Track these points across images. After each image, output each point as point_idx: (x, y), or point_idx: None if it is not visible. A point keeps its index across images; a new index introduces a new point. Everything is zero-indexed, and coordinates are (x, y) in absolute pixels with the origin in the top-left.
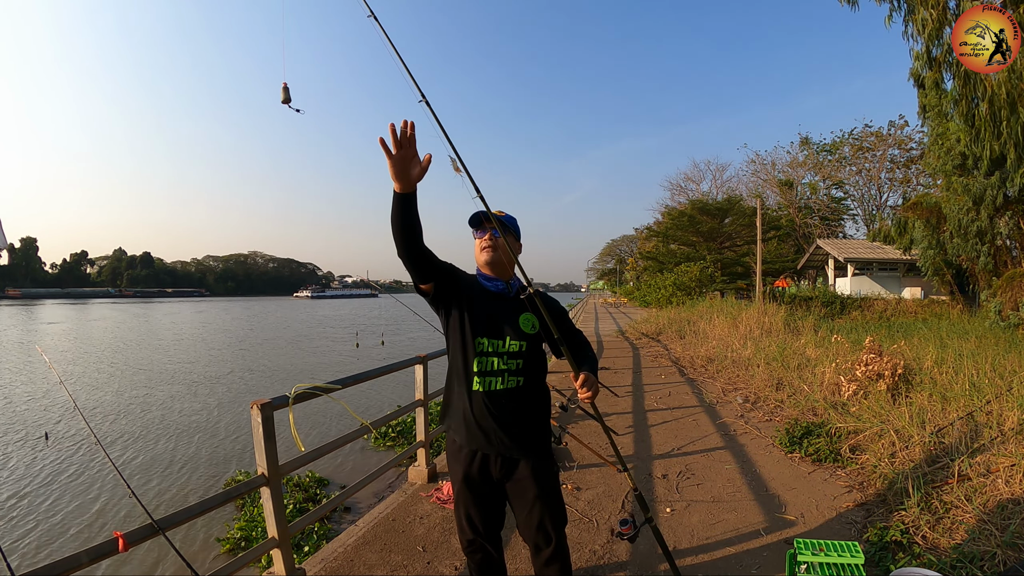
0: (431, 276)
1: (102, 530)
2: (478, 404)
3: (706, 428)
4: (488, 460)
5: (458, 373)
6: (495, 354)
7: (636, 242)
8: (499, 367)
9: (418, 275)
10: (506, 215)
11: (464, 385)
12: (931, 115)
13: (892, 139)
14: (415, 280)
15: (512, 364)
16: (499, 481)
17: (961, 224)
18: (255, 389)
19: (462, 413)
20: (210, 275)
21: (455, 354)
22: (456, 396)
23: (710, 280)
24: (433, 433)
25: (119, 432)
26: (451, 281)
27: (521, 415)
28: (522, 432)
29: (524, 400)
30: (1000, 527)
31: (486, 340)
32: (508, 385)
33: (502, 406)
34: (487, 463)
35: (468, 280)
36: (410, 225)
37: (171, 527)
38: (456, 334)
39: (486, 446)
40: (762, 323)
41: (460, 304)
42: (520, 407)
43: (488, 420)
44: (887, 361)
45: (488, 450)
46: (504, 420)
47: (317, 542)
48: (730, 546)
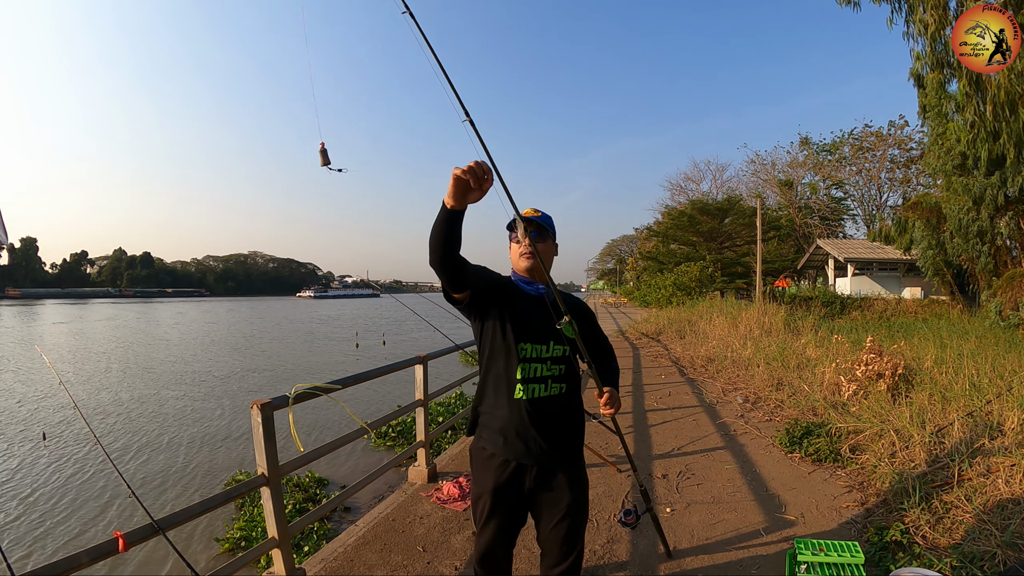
0: (467, 285)
1: (102, 530)
2: (520, 412)
3: (706, 428)
4: (524, 471)
5: (497, 380)
6: (538, 360)
7: (636, 242)
8: (543, 373)
9: (453, 285)
10: (542, 214)
11: (505, 393)
12: (931, 115)
13: (892, 139)
14: (449, 289)
15: (555, 370)
16: (530, 492)
17: (961, 224)
18: (256, 389)
19: (500, 422)
20: (210, 275)
21: (494, 360)
22: (493, 404)
23: (710, 280)
24: (433, 433)
25: (119, 432)
26: (487, 287)
27: (562, 423)
28: (563, 441)
29: (565, 407)
30: (1000, 527)
31: (529, 346)
32: (551, 392)
33: (545, 414)
34: (521, 474)
35: (504, 283)
36: (454, 239)
37: (171, 527)
38: (496, 339)
39: (525, 456)
40: (762, 323)
41: (499, 309)
42: (562, 414)
43: (530, 429)
44: (887, 361)
45: (526, 460)
46: (546, 429)
47: (317, 542)
48: (730, 546)
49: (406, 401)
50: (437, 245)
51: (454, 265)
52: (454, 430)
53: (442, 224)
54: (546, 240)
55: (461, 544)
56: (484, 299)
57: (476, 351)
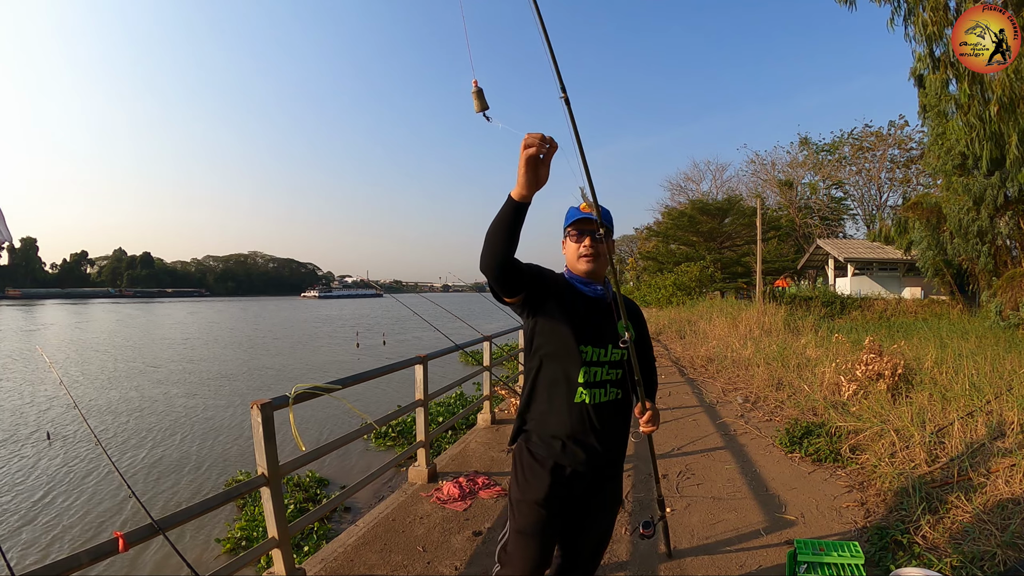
0: (521, 288)
1: (102, 530)
2: (580, 417)
3: (706, 428)
4: (577, 478)
5: (554, 383)
6: (599, 364)
7: (636, 242)
8: (603, 377)
9: (507, 288)
10: (604, 210)
11: (564, 397)
12: (931, 115)
13: (892, 139)
14: (501, 294)
15: (614, 374)
16: (578, 501)
17: (961, 224)
18: (256, 389)
19: (557, 426)
20: (210, 275)
21: (552, 362)
22: (548, 408)
23: (710, 280)
24: (433, 433)
25: (120, 432)
26: (542, 287)
27: (618, 429)
28: (617, 448)
29: (621, 413)
30: (1000, 527)
31: (591, 348)
32: (611, 397)
33: (605, 420)
34: (575, 481)
35: (559, 282)
36: (516, 238)
37: (171, 527)
38: (556, 341)
39: (582, 463)
40: (762, 323)
41: (558, 309)
42: (618, 420)
43: (590, 435)
44: (887, 361)
45: (583, 468)
46: (604, 434)
47: (317, 542)
48: (730, 546)
49: (406, 401)
50: (499, 246)
51: (512, 267)
52: (454, 430)
53: (508, 221)
54: (607, 239)
55: (461, 544)
56: (538, 299)
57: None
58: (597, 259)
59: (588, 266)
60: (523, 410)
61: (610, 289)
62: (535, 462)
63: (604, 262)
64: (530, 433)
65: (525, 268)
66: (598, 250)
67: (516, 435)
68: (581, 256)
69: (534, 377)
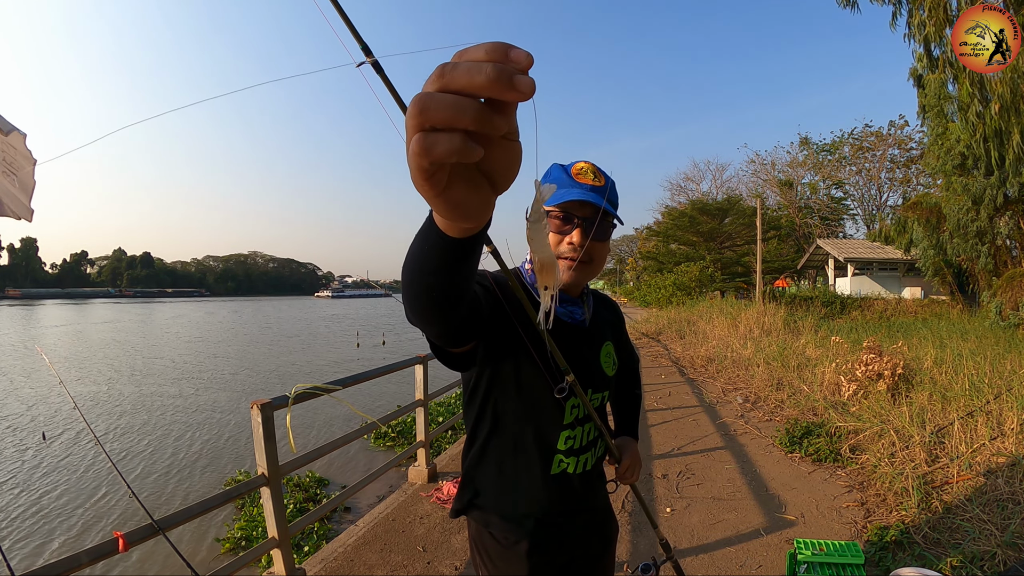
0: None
1: (102, 530)
2: (561, 492)
3: (706, 428)
4: (566, 557)
5: (520, 450)
6: (588, 419)
7: (636, 242)
8: (592, 436)
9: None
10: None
11: (537, 466)
12: (931, 115)
13: (892, 139)
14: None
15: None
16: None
17: (961, 224)
18: (257, 388)
19: (525, 505)
20: (210, 275)
21: (518, 424)
22: (512, 481)
23: (710, 280)
24: (433, 433)
25: (120, 432)
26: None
27: (599, 493)
28: (607, 515)
29: (600, 472)
30: (1000, 527)
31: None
32: (598, 454)
33: (594, 489)
34: (564, 561)
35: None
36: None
37: (171, 527)
38: (526, 396)
39: (571, 541)
40: (762, 323)
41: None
42: (598, 481)
43: (575, 511)
44: (887, 361)
45: (570, 547)
46: (594, 507)
47: (317, 542)
48: (730, 546)
49: (406, 401)
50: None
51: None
52: (454, 430)
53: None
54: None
55: (461, 544)
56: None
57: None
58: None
59: (570, 275)
60: (470, 470)
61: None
62: (503, 549)
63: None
64: (487, 513)
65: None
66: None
67: (466, 507)
68: (563, 256)
69: (484, 439)
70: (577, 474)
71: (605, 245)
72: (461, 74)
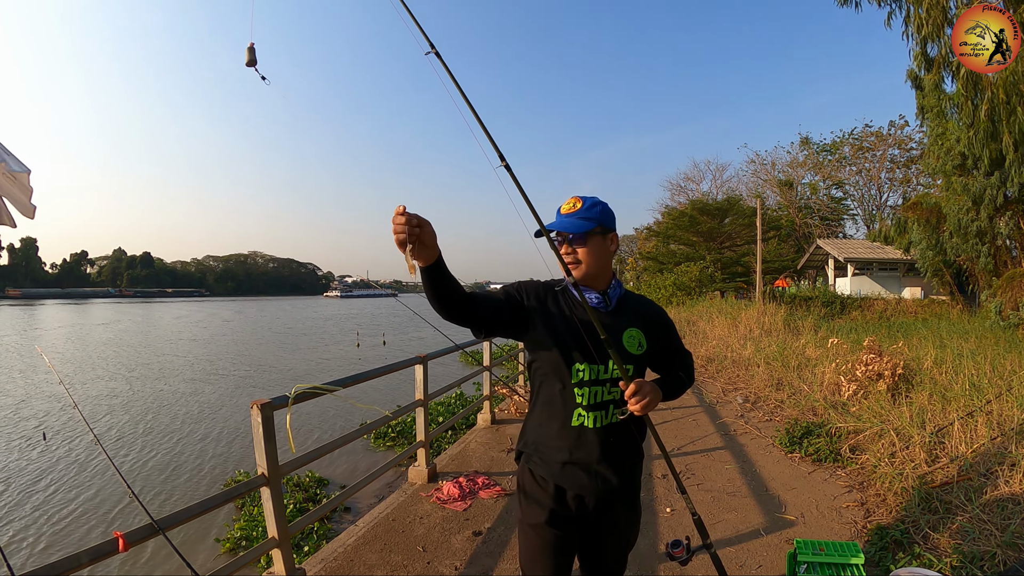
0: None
1: (102, 530)
2: (580, 441)
3: (706, 428)
4: (581, 501)
5: (550, 403)
6: (598, 382)
7: (636, 242)
8: (604, 398)
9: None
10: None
11: (559, 419)
12: (930, 115)
13: (892, 139)
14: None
15: (617, 392)
16: (585, 526)
17: (961, 224)
18: (256, 388)
19: (554, 450)
20: (210, 275)
21: (547, 381)
22: (546, 430)
23: (710, 280)
24: (433, 433)
25: (120, 432)
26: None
27: (627, 450)
28: (626, 469)
29: (631, 432)
30: (1000, 527)
31: (586, 366)
32: (613, 419)
33: (611, 443)
34: (578, 504)
35: (553, 294)
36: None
37: (171, 527)
38: (547, 359)
39: (583, 487)
40: (762, 323)
41: (546, 325)
42: (627, 441)
43: (592, 460)
44: (887, 361)
45: (584, 491)
46: (613, 459)
47: (317, 542)
48: (730, 546)
49: (406, 401)
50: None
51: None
52: (454, 430)
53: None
54: (587, 242)
55: (461, 544)
56: (522, 322)
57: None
58: (578, 265)
59: (575, 273)
60: (525, 424)
61: (614, 295)
62: (536, 484)
63: (594, 265)
64: (531, 452)
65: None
66: (577, 255)
67: (520, 452)
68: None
69: (536, 394)
70: (595, 428)
71: (588, 247)
72: (394, 217)
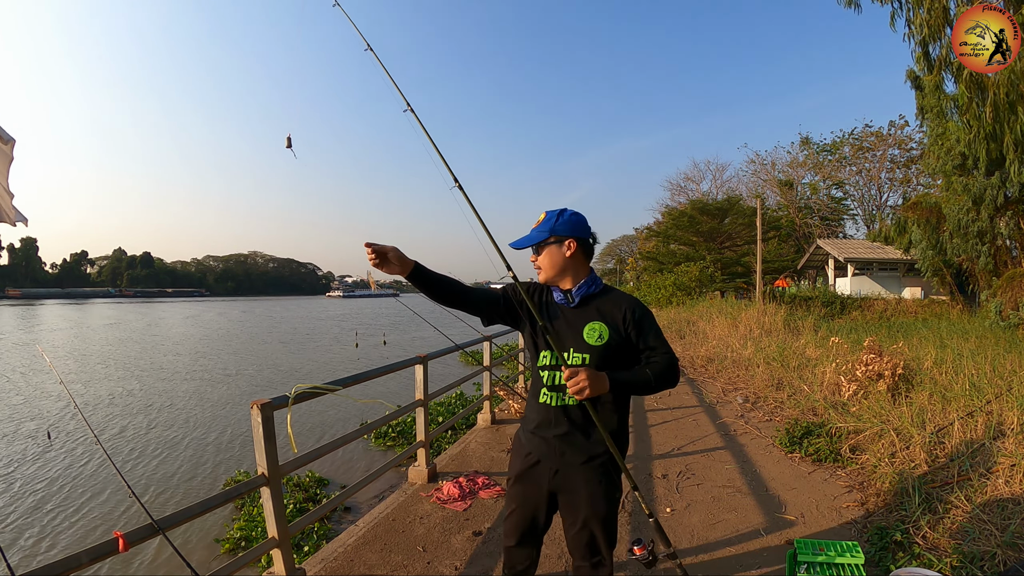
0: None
1: (102, 530)
2: (546, 416)
3: (706, 428)
4: (545, 468)
5: (534, 382)
6: (556, 367)
7: (636, 242)
8: (560, 381)
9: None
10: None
11: (535, 395)
12: (930, 116)
13: (892, 139)
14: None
15: None
16: (552, 493)
17: (961, 224)
18: (257, 388)
19: (531, 420)
20: (210, 275)
21: (532, 363)
22: (529, 402)
23: (710, 280)
24: (433, 433)
25: (120, 432)
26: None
27: (586, 432)
28: (585, 450)
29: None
30: (1000, 527)
31: (548, 353)
32: (570, 401)
33: (573, 421)
34: (544, 471)
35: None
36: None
37: (171, 527)
38: (529, 346)
39: (546, 456)
40: (762, 323)
41: (525, 320)
42: (586, 423)
43: (553, 433)
44: (887, 361)
45: (544, 458)
46: (565, 434)
47: (317, 542)
48: (730, 546)
49: (406, 401)
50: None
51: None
52: (454, 430)
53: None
54: (541, 251)
55: (461, 544)
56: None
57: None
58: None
59: (539, 276)
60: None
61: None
62: (519, 444)
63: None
64: (523, 424)
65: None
66: (537, 262)
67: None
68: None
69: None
70: (555, 406)
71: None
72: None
